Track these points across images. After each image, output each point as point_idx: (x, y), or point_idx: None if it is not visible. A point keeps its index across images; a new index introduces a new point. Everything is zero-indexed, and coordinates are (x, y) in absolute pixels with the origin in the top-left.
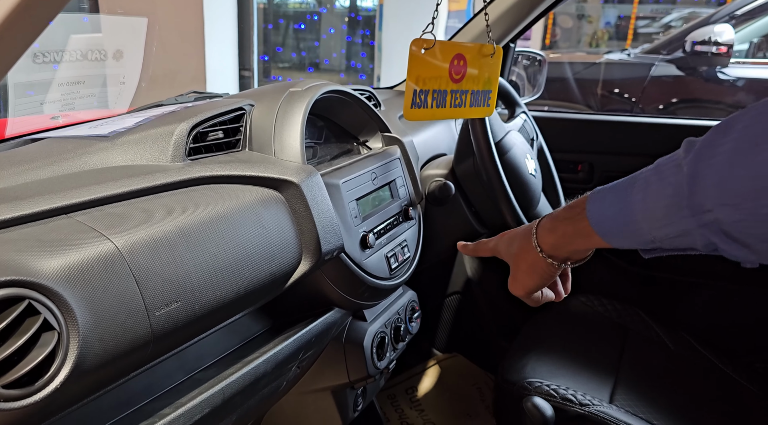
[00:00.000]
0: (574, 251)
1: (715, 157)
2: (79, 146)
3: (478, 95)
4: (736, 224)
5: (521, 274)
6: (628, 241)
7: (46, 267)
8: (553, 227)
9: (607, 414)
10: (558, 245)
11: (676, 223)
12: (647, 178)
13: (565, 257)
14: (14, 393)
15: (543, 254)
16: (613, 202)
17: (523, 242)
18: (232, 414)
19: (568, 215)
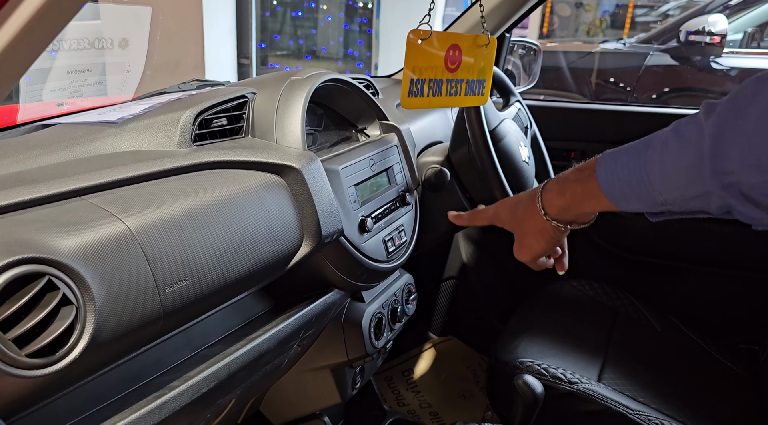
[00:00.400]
0: (581, 213)
1: (740, 119)
2: (89, 132)
3: (473, 84)
4: (757, 186)
5: (528, 239)
6: (637, 204)
7: (64, 246)
8: (561, 189)
9: (594, 392)
10: (566, 208)
11: (696, 184)
12: (665, 139)
13: (570, 220)
14: (37, 362)
15: (548, 217)
16: (625, 163)
17: (528, 207)
18: (236, 388)
19: (577, 177)
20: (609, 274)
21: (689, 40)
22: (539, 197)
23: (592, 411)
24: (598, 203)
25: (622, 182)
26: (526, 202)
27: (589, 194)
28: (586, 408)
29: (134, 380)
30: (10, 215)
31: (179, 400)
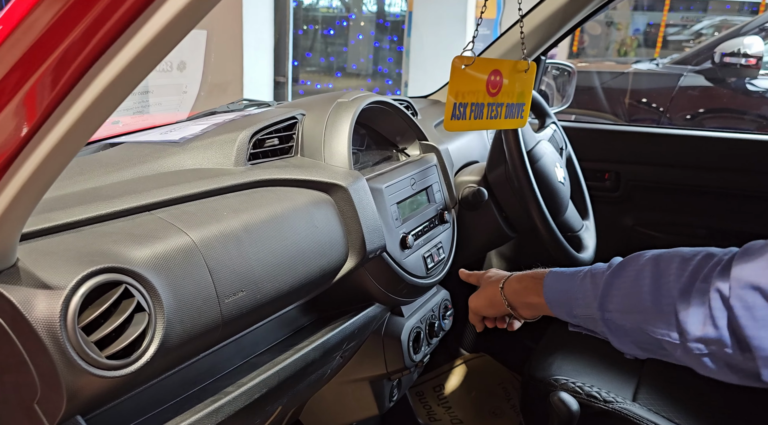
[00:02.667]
0: (526, 303)
1: (621, 277)
2: (155, 151)
3: (512, 108)
4: (619, 327)
5: (482, 296)
6: (561, 313)
7: (138, 257)
8: (521, 278)
9: (630, 411)
10: (517, 292)
11: (590, 311)
12: (585, 274)
13: (515, 306)
14: (115, 363)
15: (502, 293)
16: (561, 282)
17: (496, 280)
18: (284, 395)
19: (534, 276)
20: None
21: (724, 62)
22: (506, 277)
23: None
24: (538, 301)
25: (556, 293)
26: (499, 277)
27: (535, 290)
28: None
29: (191, 384)
30: (90, 227)
31: (234, 405)
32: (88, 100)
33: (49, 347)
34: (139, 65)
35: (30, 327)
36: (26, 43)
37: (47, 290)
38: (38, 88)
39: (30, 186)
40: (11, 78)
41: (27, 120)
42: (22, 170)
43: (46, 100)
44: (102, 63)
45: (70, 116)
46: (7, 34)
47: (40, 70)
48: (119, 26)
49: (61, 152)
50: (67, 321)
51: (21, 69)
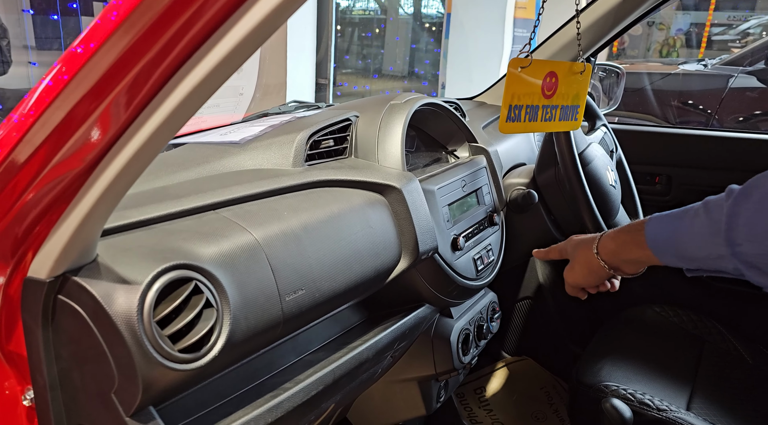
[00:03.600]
0: (627, 260)
1: (746, 204)
2: (217, 152)
3: (566, 110)
4: (757, 256)
5: (578, 267)
6: (673, 259)
7: (206, 254)
8: (615, 236)
9: (685, 421)
10: (615, 252)
11: (714, 249)
12: (696, 211)
13: (616, 265)
14: (187, 357)
15: (599, 256)
16: (666, 225)
17: (588, 244)
18: (338, 393)
19: (629, 229)
20: (694, 301)
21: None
22: (598, 239)
23: None
24: (642, 253)
25: (664, 239)
26: (588, 240)
27: (636, 243)
28: None
29: (250, 380)
30: (160, 225)
31: (292, 401)
32: (173, 104)
33: (127, 339)
34: (224, 68)
35: (110, 320)
36: (119, 50)
37: (125, 285)
38: (127, 92)
39: (115, 185)
40: (103, 82)
41: (116, 122)
42: (109, 170)
43: (134, 103)
44: (188, 67)
45: (156, 118)
46: (104, 40)
47: (130, 74)
48: (206, 31)
49: (145, 153)
50: (144, 315)
51: (113, 73)
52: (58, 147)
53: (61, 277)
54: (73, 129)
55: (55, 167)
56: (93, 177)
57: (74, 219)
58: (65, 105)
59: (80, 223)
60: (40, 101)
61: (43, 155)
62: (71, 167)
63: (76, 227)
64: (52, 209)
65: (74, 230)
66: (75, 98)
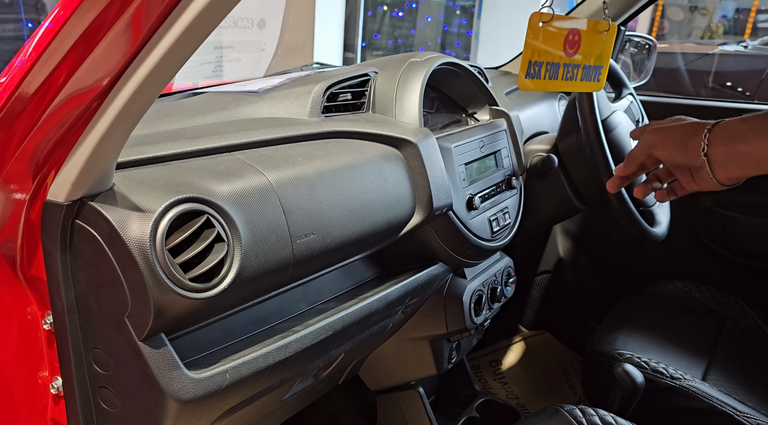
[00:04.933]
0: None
1: None
2: (235, 99)
3: (589, 70)
4: None
5: (671, 134)
6: None
7: (219, 190)
8: (744, 119)
9: (699, 390)
10: (735, 136)
11: None
12: None
13: (717, 159)
14: (198, 286)
15: (706, 137)
16: None
17: (697, 123)
18: (347, 342)
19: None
20: (717, 277)
21: None
22: (711, 124)
23: (695, 409)
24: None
25: None
26: (695, 123)
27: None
28: (689, 405)
29: (261, 323)
30: (175, 162)
31: (301, 343)
32: (178, 31)
33: (140, 264)
34: None
35: (124, 245)
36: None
37: (139, 212)
38: (135, 19)
39: (130, 107)
40: (110, 10)
41: (125, 50)
42: (124, 91)
43: (149, 22)
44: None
45: (169, 38)
46: None
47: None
48: None
49: (159, 74)
50: (156, 242)
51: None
52: (74, 69)
53: (79, 202)
54: (88, 49)
55: (72, 90)
56: (109, 99)
57: (91, 141)
58: (81, 24)
59: (97, 145)
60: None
61: (60, 77)
62: (88, 90)
63: (93, 149)
64: (71, 132)
65: (91, 152)
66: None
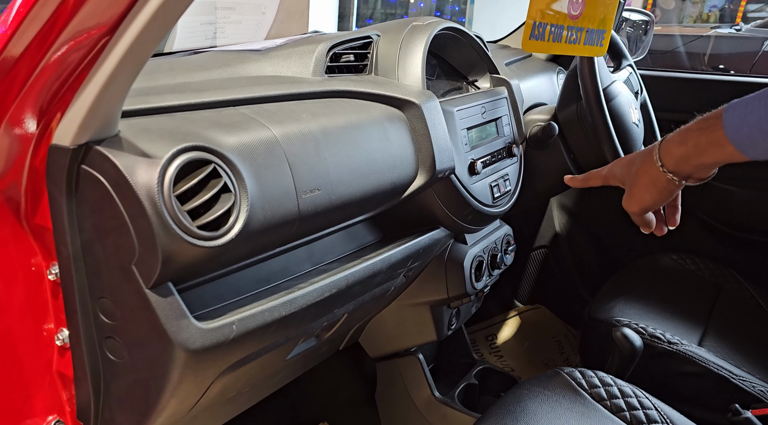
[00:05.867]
0: (701, 165)
1: None
2: (238, 57)
3: (592, 34)
4: None
5: (639, 190)
6: (761, 148)
7: (226, 142)
8: (683, 139)
9: (696, 354)
10: (685, 158)
11: None
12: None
13: (687, 173)
14: (205, 234)
15: (664, 168)
16: (755, 108)
17: (645, 158)
18: (350, 302)
19: (702, 126)
20: (712, 250)
21: None
22: (657, 149)
23: (692, 373)
24: (722, 152)
25: (751, 127)
26: (644, 155)
27: (714, 143)
28: (685, 369)
29: (265, 282)
30: (180, 113)
31: (305, 299)
32: None
33: (148, 210)
34: None
35: (131, 190)
36: None
37: (147, 158)
38: None
39: (136, 46)
40: None
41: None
42: (127, 34)
43: None
44: None
45: None
46: None
47: None
48: None
49: (166, 11)
50: (164, 188)
51: None
52: (79, 5)
53: (85, 146)
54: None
55: (78, 26)
56: (116, 37)
57: (98, 82)
58: None
59: (104, 85)
60: None
61: (65, 12)
62: (94, 26)
63: (100, 90)
64: (77, 72)
65: (98, 92)
66: None
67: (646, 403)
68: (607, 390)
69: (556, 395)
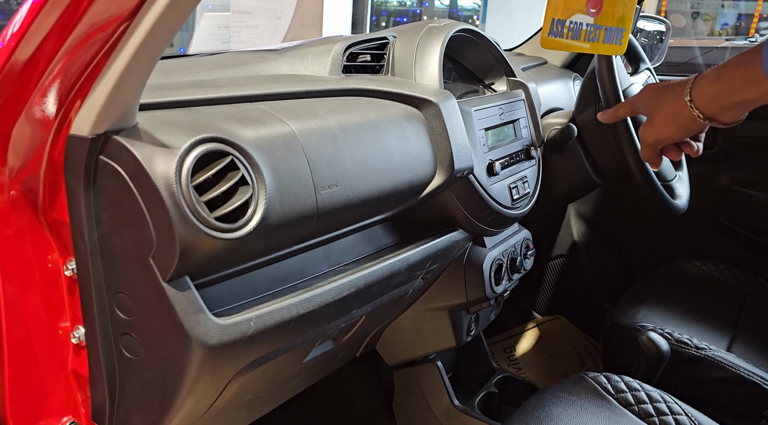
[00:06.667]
0: (731, 104)
1: None
2: (255, 57)
3: (611, 32)
4: None
5: (659, 120)
6: None
7: (244, 135)
8: (718, 75)
9: (725, 360)
10: (717, 96)
11: None
12: None
13: (715, 113)
14: (223, 226)
15: (692, 104)
16: None
17: (676, 90)
18: (368, 303)
19: (740, 61)
20: (736, 256)
21: None
22: (691, 83)
23: (721, 378)
24: (756, 90)
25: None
26: (675, 85)
27: (749, 79)
28: (715, 375)
29: (282, 281)
30: (198, 108)
31: (323, 297)
32: None
33: (166, 200)
34: None
35: (149, 180)
36: None
37: (165, 149)
38: None
39: (154, 34)
40: None
41: None
42: (146, 20)
43: None
44: None
45: None
46: None
47: None
48: None
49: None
50: (182, 178)
51: None
52: None
53: (103, 136)
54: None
55: (97, 13)
56: (134, 23)
57: (116, 69)
58: None
59: (122, 73)
60: None
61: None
62: (113, 12)
63: (119, 78)
64: (96, 59)
65: (117, 80)
66: None
67: (676, 409)
68: (635, 395)
69: (581, 400)
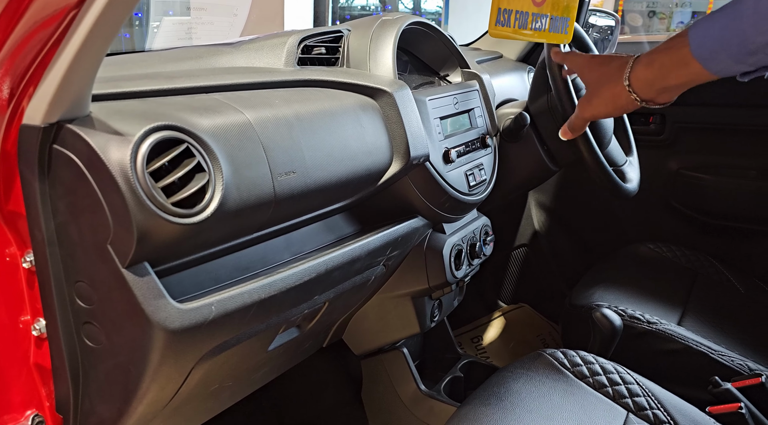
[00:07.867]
0: (665, 88)
1: None
2: (210, 51)
3: (557, 21)
4: None
5: (598, 100)
6: (727, 59)
7: (199, 123)
8: (650, 60)
9: (675, 332)
10: (651, 81)
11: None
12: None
13: (651, 97)
14: (181, 211)
15: (630, 88)
16: (718, 19)
17: (615, 73)
18: (329, 289)
19: (668, 46)
20: (688, 238)
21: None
22: (629, 70)
23: (672, 350)
24: (687, 72)
25: (714, 40)
26: (616, 67)
27: (679, 62)
28: (665, 347)
29: (244, 270)
30: (153, 99)
31: (285, 282)
32: None
33: (122, 186)
34: None
35: (105, 167)
36: None
37: (119, 136)
38: None
39: (97, 29)
40: None
41: None
42: (90, 12)
43: None
44: None
45: None
46: None
47: None
48: None
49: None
50: (137, 165)
51: None
52: None
53: (56, 125)
54: None
55: (45, 1)
56: (82, 11)
57: (67, 55)
58: None
59: (73, 60)
60: None
61: None
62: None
63: (69, 65)
64: (46, 47)
65: (68, 67)
66: None
67: (628, 378)
68: (590, 368)
69: (539, 375)
